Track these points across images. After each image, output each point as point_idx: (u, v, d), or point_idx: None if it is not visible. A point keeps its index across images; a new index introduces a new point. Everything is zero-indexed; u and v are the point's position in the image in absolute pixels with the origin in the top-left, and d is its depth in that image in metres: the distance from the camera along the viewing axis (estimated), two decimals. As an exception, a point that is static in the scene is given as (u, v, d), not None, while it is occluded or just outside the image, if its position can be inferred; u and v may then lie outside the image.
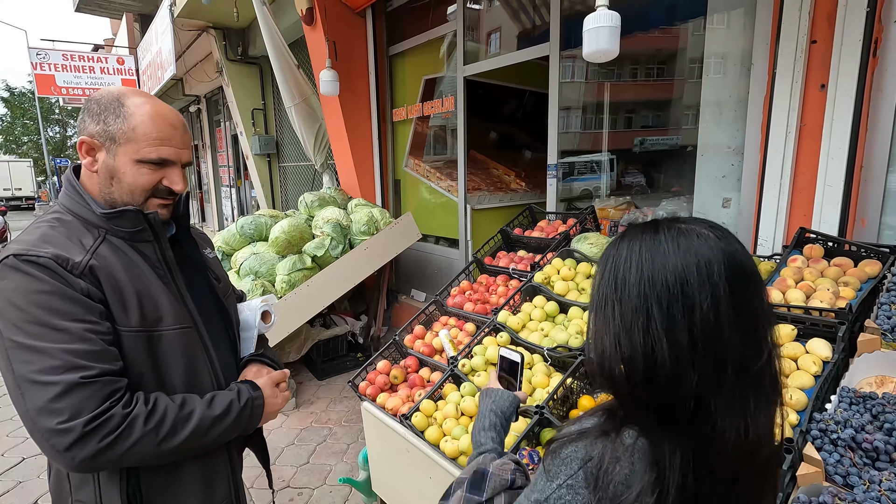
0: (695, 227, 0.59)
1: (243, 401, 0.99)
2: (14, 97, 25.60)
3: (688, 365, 0.55)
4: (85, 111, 0.94)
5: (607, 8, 1.72)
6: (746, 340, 0.56)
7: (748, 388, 0.56)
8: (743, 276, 0.57)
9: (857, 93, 1.74)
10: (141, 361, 0.91)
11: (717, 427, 0.55)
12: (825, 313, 1.43)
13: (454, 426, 1.72)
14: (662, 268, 0.57)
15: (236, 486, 1.10)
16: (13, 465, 2.84)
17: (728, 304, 0.55)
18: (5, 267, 0.83)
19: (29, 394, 0.79)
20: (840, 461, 1.13)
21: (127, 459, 0.84)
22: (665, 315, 0.55)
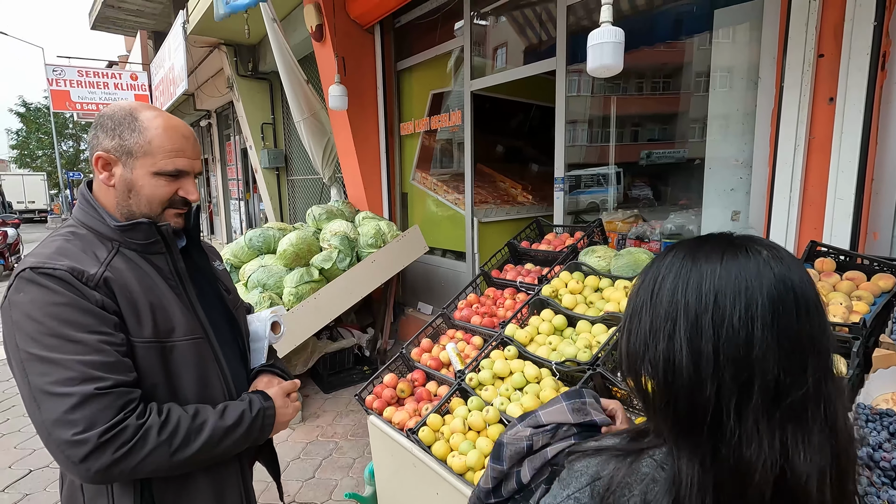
0: (747, 244, 0.58)
1: (255, 411, 0.99)
2: (30, 112, 26.15)
3: (709, 374, 0.53)
4: (98, 127, 0.96)
5: (611, 24, 1.74)
6: (785, 365, 0.52)
7: (785, 418, 0.52)
8: (792, 298, 0.54)
9: (867, 106, 1.73)
10: (154, 372, 0.92)
11: (741, 451, 0.52)
12: (839, 328, 1.40)
13: (461, 441, 1.71)
14: (699, 277, 0.56)
15: (248, 498, 1.11)
16: (20, 478, 2.84)
17: (764, 323, 0.52)
18: (22, 280, 0.84)
19: (45, 405, 0.79)
20: (857, 480, 1.10)
21: (141, 470, 0.84)
22: (691, 325, 0.54)
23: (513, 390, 1.85)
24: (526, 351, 1.96)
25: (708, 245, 0.59)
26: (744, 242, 0.58)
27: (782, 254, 0.58)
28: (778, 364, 0.52)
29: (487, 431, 1.73)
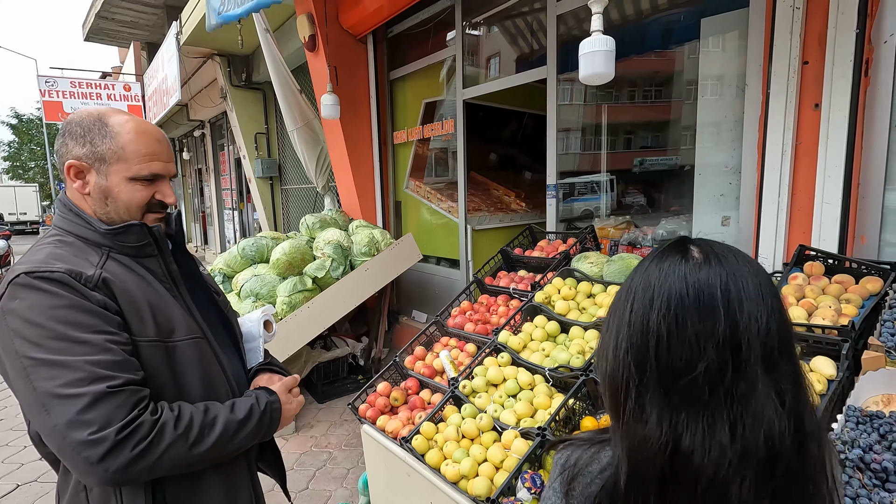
0: (689, 249, 0.63)
1: (263, 405, 0.99)
2: (22, 124, 26.04)
3: (621, 358, 0.60)
4: (66, 134, 0.93)
5: (602, 33, 1.76)
6: (685, 354, 0.58)
7: (739, 413, 0.56)
8: (695, 299, 0.59)
9: (851, 111, 1.76)
10: (160, 372, 0.91)
11: (648, 424, 0.58)
12: (828, 331, 1.42)
13: (455, 449, 1.70)
14: (647, 280, 0.62)
15: (257, 496, 1.11)
16: (8, 492, 2.78)
17: (668, 319, 0.58)
18: (17, 286, 0.82)
19: (55, 409, 0.77)
20: (849, 482, 1.11)
21: (159, 467, 0.83)
22: (623, 314, 0.61)
23: (506, 397, 1.84)
24: (519, 357, 1.96)
25: (682, 251, 0.63)
26: (690, 246, 0.63)
27: (745, 265, 0.61)
28: (668, 350, 0.58)
29: (481, 439, 1.72)
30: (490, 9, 3.62)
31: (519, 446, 1.59)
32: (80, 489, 0.90)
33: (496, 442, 1.68)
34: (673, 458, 0.57)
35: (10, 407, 3.98)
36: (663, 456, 0.57)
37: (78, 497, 0.90)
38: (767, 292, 0.60)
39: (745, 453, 0.57)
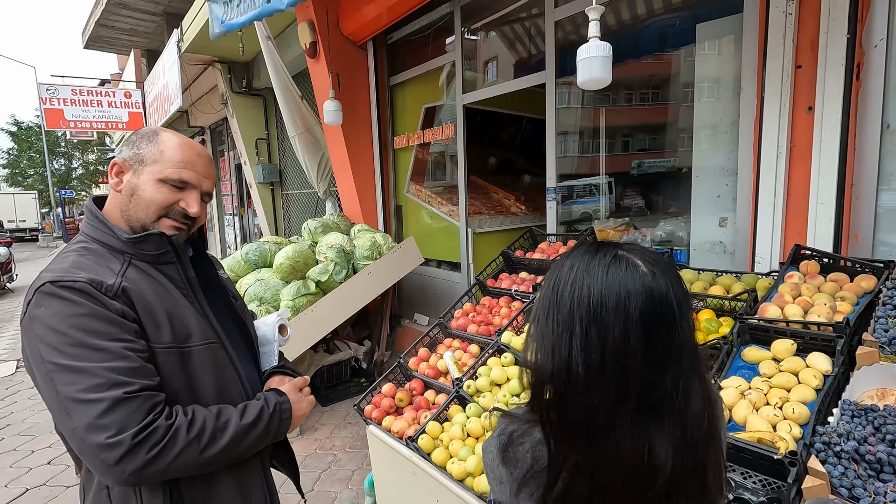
0: (629, 257, 0.63)
1: (272, 407, 1.02)
2: (21, 131, 26.05)
3: (595, 384, 0.59)
4: (124, 142, 1.03)
5: (599, 39, 1.81)
6: (651, 371, 0.60)
7: (646, 415, 0.60)
8: (658, 312, 0.60)
9: (843, 114, 1.81)
10: (175, 377, 0.94)
11: (619, 446, 0.59)
12: (823, 327, 1.45)
13: (461, 447, 1.73)
14: (588, 290, 0.61)
15: (270, 495, 1.14)
16: (17, 496, 2.81)
17: (638, 336, 0.59)
18: (42, 294, 0.86)
19: (75, 413, 0.81)
20: (845, 473, 1.14)
21: (173, 469, 0.86)
22: (584, 335, 0.60)
23: (510, 396, 1.87)
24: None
25: (598, 255, 0.64)
26: (627, 254, 0.64)
27: (659, 266, 0.63)
28: (646, 372, 0.59)
29: (486, 437, 1.75)
30: (488, 15, 3.67)
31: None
32: (102, 486, 0.94)
33: (501, 440, 1.72)
34: (639, 474, 0.60)
35: (16, 413, 4.01)
36: (636, 471, 0.60)
37: (101, 494, 0.94)
38: (685, 290, 0.65)
39: (692, 447, 0.62)
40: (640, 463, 0.59)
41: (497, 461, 0.72)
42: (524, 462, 0.67)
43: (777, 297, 1.68)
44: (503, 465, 0.70)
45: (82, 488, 1.00)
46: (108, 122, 8.61)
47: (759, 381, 1.44)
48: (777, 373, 1.44)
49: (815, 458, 1.17)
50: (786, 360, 1.45)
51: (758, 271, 2.02)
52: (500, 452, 0.71)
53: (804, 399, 1.33)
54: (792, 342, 1.48)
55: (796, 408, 1.30)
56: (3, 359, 5.54)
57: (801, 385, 1.37)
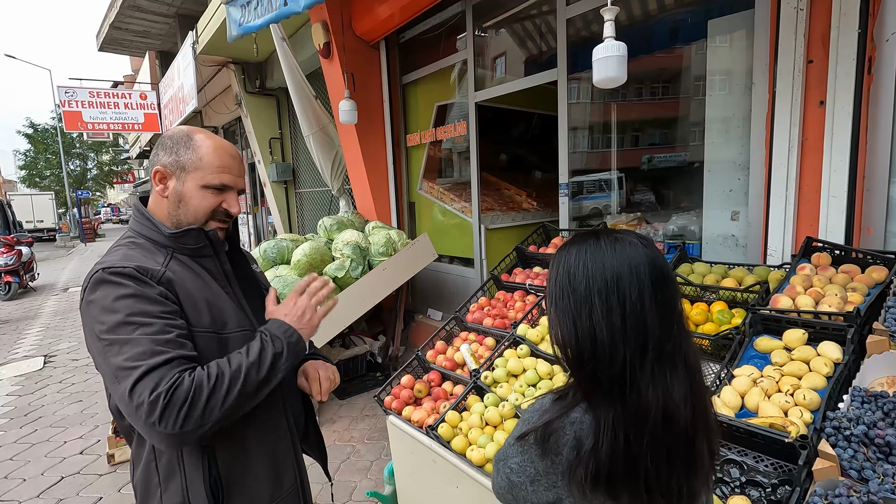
0: (626, 237, 0.75)
1: (269, 333, 1.04)
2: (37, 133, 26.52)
3: (620, 344, 0.69)
4: (159, 146, 1.09)
5: (614, 39, 1.85)
6: (663, 326, 0.70)
7: (665, 365, 0.70)
8: (662, 275, 0.72)
9: (855, 108, 1.83)
10: (215, 358, 1.00)
11: (641, 395, 0.69)
12: (834, 317, 1.49)
13: (479, 435, 1.79)
14: (602, 267, 0.72)
15: (301, 477, 1.21)
16: (53, 484, 2.94)
17: (650, 297, 0.70)
18: (96, 281, 0.96)
19: (122, 379, 0.89)
20: (854, 456, 1.18)
21: (209, 416, 0.91)
22: (604, 304, 0.70)
23: (527, 386, 1.93)
24: (538, 349, 2.05)
25: (598, 239, 0.75)
26: (621, 235, 0.75)
27: (648, 240, 0.76)
28: (659, 326, 0.70)
29: (504, 426, 1.82)
30: (500, 13, 3.71)
31: (541, 431, 1.68)
32: (150, 459, 1.03)
33: (518, 428, 1.78)
34: (665, 419, 0.69)
35: (46, 405, 4.16)
36: (658, 419, 0.69)
37: (149, 466, 1.03)
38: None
39: (699, 390, 0.73)
40: (664, 408, 0.69)
41: (534, 456, 0.74)
42: (569, 446, 0.71)
43: (789, 288, 1.72)
44: (543, 458, 0.73)
45: (132, 463, 1.09)
46: (125, 124, 8.79)
47: (771, 370, 1.48)
48: (789, 361, 1.48)
49: (826, 442, 1.21)
50: (797, 349, 1.49)
51: (770, 264, 2.05)
52: (540, 445, 0.73)
53: (815, 386, 1.38)
54: (803, 332, 1.52)
55: (807, 394, 1.34)
56: (31, 354, 5.71)
57: (812, 373, 1.41)
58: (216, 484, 1.02)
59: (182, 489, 1.00)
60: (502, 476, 0.80)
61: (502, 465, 0.80)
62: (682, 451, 0.71)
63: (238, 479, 1.06)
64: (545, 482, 0.74)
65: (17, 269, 9.29)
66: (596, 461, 0.68)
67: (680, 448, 0.71)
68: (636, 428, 0.68)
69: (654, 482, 0.69)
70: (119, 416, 1.03)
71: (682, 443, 0.71)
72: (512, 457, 0.78)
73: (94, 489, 2.88)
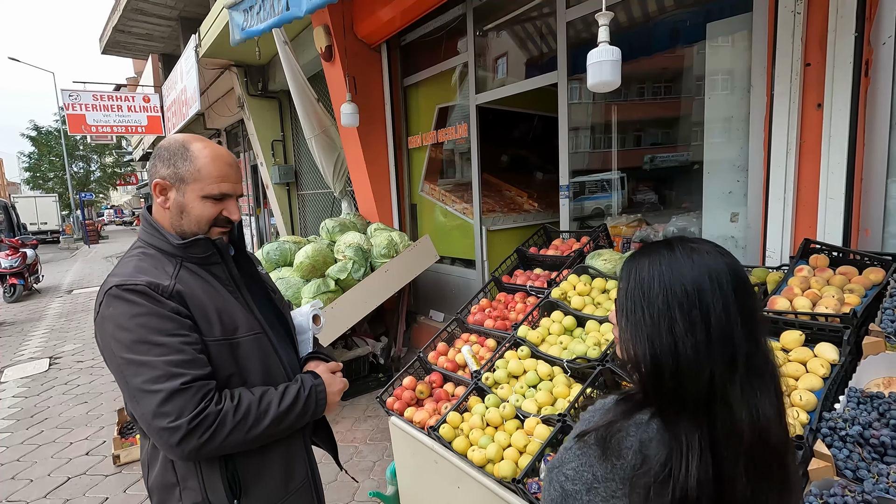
0: (703, 246, 0.71)
1: (308, 389, 1.13)
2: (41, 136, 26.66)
3: (706, 360, 0.65)
4: (156, 157, 1.11)
5: (608, 44, 1.87)
6: (750, 339, 0.66)
7: (754, 379, 0.66)
8: (744, 285, 0.68)
9: (852, 110, 1.85)
10: (227, 366, 1.06)
11: (734, 413, 0.64)
12: (831, 318, 1.51)
13: (480, 436, 1.81)
14: (681, 278, 0.67)
15: (312, 471, 1.27)
16: (60, 485, 2.98)
17: (735, 308, 0.66)
18: (110, 297, 0.99)
19: (142, 401, 0.94)
20: (849, 456, 1.20)
21: (225, 447, 0.99)
22: (686, 318, 0.66)
23: (527, 387, 1.95)
24: (538, 350, 2.07)
25: (672, 249, 0.71)
26: (696, 244, 0.71)
27: (724, 249, 0.71)
28: (746, 338, 0.66)
29: (504, 426, 1.84)
30: (501, 16, 3.73)
31: (541, 432, 1.70)
32: (168, 460, 1.07)
33: (519, 429, 1.79)
34: (760, 437, 0.65)
35: (52, 407, 4.20)
36: (755, 437, 0.64)
37: (166, 467, 1.07)
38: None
39: (782, 403, 0.69)
40: (757, 423, 0.65)
41: (593, 459, 0.69)
42: (633, 450, 0.67)
43: (786, 289, 1.73)
44: (603, 462, 0.68)
45: (146, 464, 1.12)
46: (128, 126, 8.85)
47: (769, 371, 1.49)
48: (786, 362, 1.49)
49: (821, 442, 1.23)
50: (794, 350, 1.51)
51: (768, 265, 2.06)
52: (601, 446, 0.68)
53: (811, 387, 1.39)
54: (800, 333, 1.53)
55: (803, 395, 1.36)
56: (36, 356, 5.76)
57: (808, 374, 1.43)
58: (234, 478, 1.06)
59: (201, 487, 1.04)
60: (555, 486, 0.74)
61: (556, 472, 0.74)
62: (777, 471, 0.68)
63: (254, 474, 1.10)
64: (603, 490, 0.68)
65: (22, 271, 9.34)
66: (677, 483, 0.63)
67: (775, 467, 0.67)
68: (729, 449, 0.64)
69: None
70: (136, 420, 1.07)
71: (777, 461, 0.68)
72: (568, 462, 0.73)
73: (100, 490, 2.91)
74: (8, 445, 3.56)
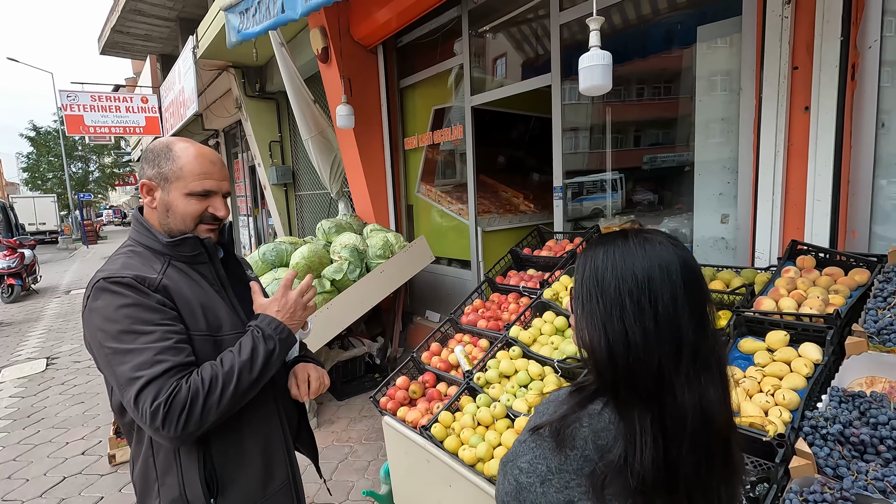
0: (656, 237, 0.72)
1: (260, 331, 1.09)
2: (39, 136, 26.63)
3: (654, 347, 0.67)
4: (143, 160, 1.14)
5: (599, 48, 1.89)
6: (697, 328, 0.68)
7: (700, 367, 0.68)
8: (693, 276, 0.70)
9: (838, 113, 1.87)
10: (211, 359, 1.06)
11: (678, 399, 0.66)
12: (815, 319, 1.53)
13: (471, 435, 1.83)
14: (632, 268, 0.69)
15: (293, 474, 1.26)
16: (55, 484, 2.99)
17: (683, 298, 0.68)
18: (97, 289, 1.01)
19: (127, 389, 0.95)
20: (830, 454, 1.22)
21: (207, 416, 0.98)
22: (636, 306, 0.68)
23: (518, 387, 1.97)
24: (530, 351, 2.09)
25: (626, 239, 0.73)
26: (650, 235, 0.73)
27: (677, 240, 0.73)
28: (693, 329, 0.68)
29: (495, 426, 1.85)
30: (496, 18, 3.75)
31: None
32: (148, 455, 1.08)
33: (509, 428, 1.81)
34: (704, 422, 0.67)
35: (49, 407, 4.22)
36: (697, 422, 0.66)
37: (147, 462, 1.08)
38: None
39: (728, 392, 0.71)
40: (701, 410, 0.67)
41: (547, 451, 0.70)
42: (584, 439, 0.68)
43: (773, 290, 1.75)
44: (556, 453, 0.69)
45: (132, 459, 1.14)
46: (126, 127, 8.85)
47: (753, 371, 1.52)
48: (770, 362, 1.52)
49: (803, 441, 1.25)
50: (779, 350, 1.53)
51: (757, 266, 2.08)
52: (554, 438, 0.70)
53: (795, 386, 1.41)
54: (785, 333, 1.56)
55: (787, 394, 1.38)
56: (34, 356, 5.77)
57: (792, 373, 1.45)
58: (212, 477, 1.07)
59: (179, 483, 1.05)
60: (509, 479, 0.74)
61: (510, 466, 0.74)
62: (721, 454, 0.70)
63: (232, 472, 1.11)
64: (557, 481, 0.69)
65: (20, 271, 9.35)
66: (634, 469, 0.65)
67: (719, 450, 0.69)
68: (675, 433, 0.66)
69: (695, 488, 0.67)
70: (120, 414, 1.09)
71: (721, 445, 0.70)
72: (522, 455, 0.73)
73: (96, 489, 2.93)
74: (4, 445, 3.57)
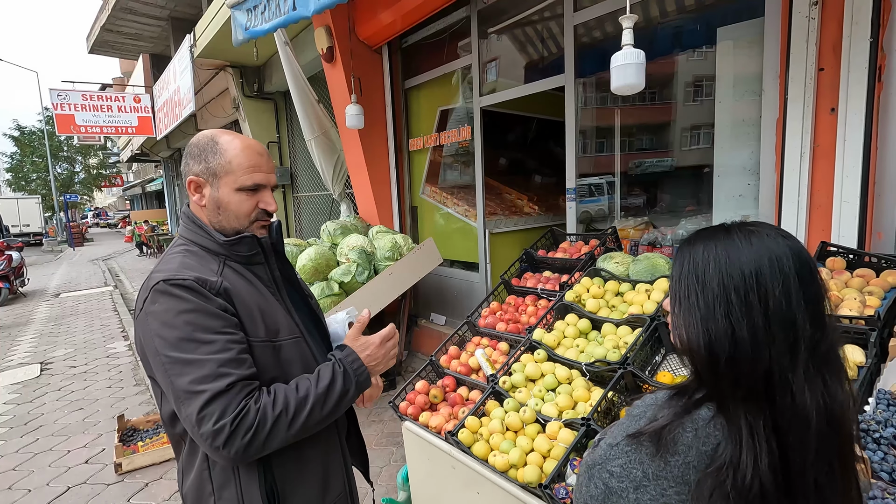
0: (762, 229, 0.69)
1: (342, 364, 1.06)
2: (24, 136, 26.11)
3: (764, 344, 0.63)
4: (188, 155, 1.08)
5: (633, 47, 1.87)
6: (815, 323, 0.64)
7: (821, 365, 0.64)
8: (808, 269, 0.66)
9: (867, 115, 1.87)
10: (270, 368, 1.02)
11: (796, 399, 0.62)
12: (856, 321, 1.52)
13: (501, 441, 1.79)
14: (738, 262, 0.66)
15: (350, 487, 1.22)
16: (59, 495, 2.89)
17: (798, 292, 0.64)
18: (156, 292, 0.95)
19: (188, 402, 0.90)
20: (884, 458, 1.20)
21: (271, 443, 0.93)
22: (743, 302, 0.64)
23: (546, 391, 1.94)
24: (555, 354, 2.05)
25: (729, 232, 0.69)
26: (755, 227, 0.69)
27: (785, 232, 0.69)
28: (809, 322, 0.64)
29: (525, 431, 1.82)
30: (506, 19, 3.73)
31: (565, 436, 1.69)
32: (203, 468, 1.02)
33: (540, 433, 1.78)
34: (830, 422, 0.62)
35: (46, 414, 4.09)
36: (823, 423, 0.62)
37: (202, 475, 1.02)
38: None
39: (852, 392, 0.67)
40: (824, 408, 0.62)
41: (644, 457, 0.67)
42: (687, 446, 0.65)
43: (806, 292, 1.74)
44: (655, 460, 0.66)
45: (181, 471, 1.08)
46: (118, 127, 8.70)
47: (795, 373, 1.50)
48: (811, 365, 1.50)
49: (856, 445, 1.23)
50: (819, 352, 1.52)
51: (783, 268, 2.08)
52: (655, 444, 0.66)
53: (840, 389, 1.40)
54: (824, 336, 1.54)
55: (833, 398, 1.36)
56: (26, 361, 5.61)
57: (835, 376, 1.44)
58: (272, 491, 1.02)
59: (238, 497, 1.00)
60: (597, 482, 0.71)
61: (599, 469, 0.71)
62: (848, 456, 0.66)
63: (292, 486, 1.06)
64: (653, 488, 0.66)
65: (8, 274, 9.13)
66: (751, 476, 0.61)
67: (848, 453, 0.66)
68: (796, 436, 0.62)
69: (828, 493, 0.63)
70: (171, 424, 1.03)
71: (849, 447, 0.66)
72: (614, 459, 0.70)
73: (103, 499, 2.83)
74: (3, 454, 3.46)
